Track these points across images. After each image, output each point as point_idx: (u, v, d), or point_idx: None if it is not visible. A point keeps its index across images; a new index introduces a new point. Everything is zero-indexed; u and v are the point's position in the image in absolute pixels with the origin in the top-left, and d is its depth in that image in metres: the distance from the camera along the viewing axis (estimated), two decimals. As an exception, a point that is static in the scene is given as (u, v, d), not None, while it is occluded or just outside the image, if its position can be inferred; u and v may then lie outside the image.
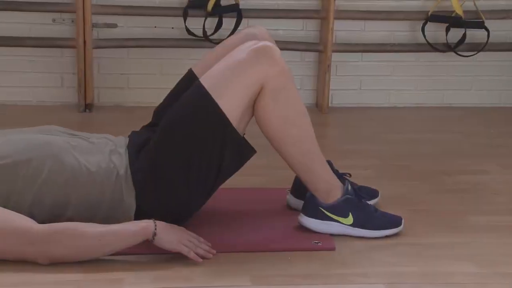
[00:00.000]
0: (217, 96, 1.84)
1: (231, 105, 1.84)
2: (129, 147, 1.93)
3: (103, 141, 1.95)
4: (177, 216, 1.90)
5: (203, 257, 1.79)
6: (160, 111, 2.03)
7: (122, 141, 1.97)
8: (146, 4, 3.27)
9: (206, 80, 1.87)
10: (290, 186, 2.17)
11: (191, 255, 1.78)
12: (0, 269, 1.70)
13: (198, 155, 1.86)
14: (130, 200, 1.86)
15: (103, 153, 1.89)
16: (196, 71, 2.03)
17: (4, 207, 1.76)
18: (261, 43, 1.88)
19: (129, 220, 1.84)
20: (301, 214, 2.00)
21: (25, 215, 1.77)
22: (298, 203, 2.09)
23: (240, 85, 1.85)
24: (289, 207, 2.16)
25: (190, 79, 2.01)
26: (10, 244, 1.71)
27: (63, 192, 1.82)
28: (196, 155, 1.85)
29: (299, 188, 2.09)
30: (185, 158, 1.86)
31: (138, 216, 1.86)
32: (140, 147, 1.91)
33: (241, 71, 1.85)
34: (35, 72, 3.28)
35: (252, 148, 1.92)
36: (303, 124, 1.92)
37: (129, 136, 2.01)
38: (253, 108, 1.90)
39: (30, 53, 3.24)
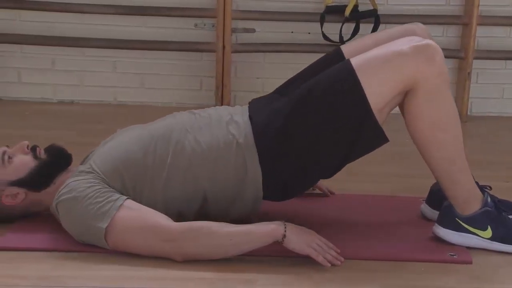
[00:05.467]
0: (364, 79, 1.80)
1: (376, 92, 1.80)
2: (252, 112, 1.93)
3: (219, 113, 1.96)
4: (295, 187, 1.91)
5: (331, 263, 1.77)
6: (294, 81, 2.03)
7: (238, 110, 1.97)
8: (283, 9, 3.31)
9: (356, 61, 1.83)
10: (423, 195, 2.12)
11: (320, 259, 1.77)
12: (139, 263, 1.77)
13: (332, 130, 1.83)
14: (255, 168, 1.86)
15: (221, 126, 1.90)
16: (344, 51, 2.01)
17: (139, 201, 1.84)
18: (425, 41, 1.82)
19: (258, 193, 1.86)
20: (436, 224, 1.94)
21: (159, 206, 1.84)
22: (433, 213, 2.03)
23: (392, 77, 1.80)
24: (424, 217, 2.10)
25: (336, 57, 1.99)
26: (148, 241, 1.77)
27: (189, 174, 1.85)
28: (329, 129, 1.83)
29: (435, 198, 2.03)
30: (318, 130, 1.83)
31: (265, 186, 1.86)
32: (266, 111, 1.90)
33: (398, 64, 1.80)
34: (176, 75, 3.41)
35: (386, 137, 1.86)
36: (452, 130, 1.86)
37: (249, 103, 2.02)
38: (402, 105, 1.86)
39: (173, 56, 3.37)
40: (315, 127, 1.84)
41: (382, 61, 1.82)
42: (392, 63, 1.81)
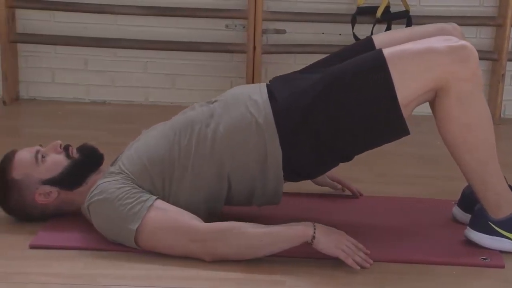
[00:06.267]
0: (394, 72, 1.78)
1: (405, 86, 1.79)
2: (272, 91, 1.92)
3: (235, 93, 1.96)
4: (312, 169, 1.93)
5: (360, 265, 1.77)
6: (320, 63, 2.01)
7: (256, 89, 1.96)
8: (314, 10, 3.30)
9: (389, 52, 1.81)
10: (455, 198, 2.10)
11: (349, 261, 1.76)
12: (168, 263, 1.78)
13: (357, 118, 1.82)
14: (275, 149, 1.85)
15: (238, 105, 1.90)
16: (375, 41, 1.99)
17: (168, 199, 1.86)
18: (462, 42, 1.80)
19: (279, 173, 1.86)
20: (468, 228, 1.92)
21: (188, 201, 1.86)
22: (465, 217, 2.01)
23: (423, 74, 1.78)
24: (455, 220, 2.08)
25: (367, 46, 1.97)
26: (178, 241, 1.78)
27: (212, 160, 1.86)
28: (354, 117, 1.82)
29: (467, 201, 2.01)
30: (343, 116, 1.82)
31: (284, 168, 1.86)
32: (288, 91, 1.89)
33: (430, 62, 1.78)
34: (207, 75, 3.42)
35: (408, 130, 1.84)
36: (483, 132, 1.84)
37: (270, 81, 2.02)
38: (433, 105, 1.84)
39: (204, 57, 3.39)
40: (340, 113, 1.83)
41: (415, 56, 1.80)
42: (425, 60, 1.79)
